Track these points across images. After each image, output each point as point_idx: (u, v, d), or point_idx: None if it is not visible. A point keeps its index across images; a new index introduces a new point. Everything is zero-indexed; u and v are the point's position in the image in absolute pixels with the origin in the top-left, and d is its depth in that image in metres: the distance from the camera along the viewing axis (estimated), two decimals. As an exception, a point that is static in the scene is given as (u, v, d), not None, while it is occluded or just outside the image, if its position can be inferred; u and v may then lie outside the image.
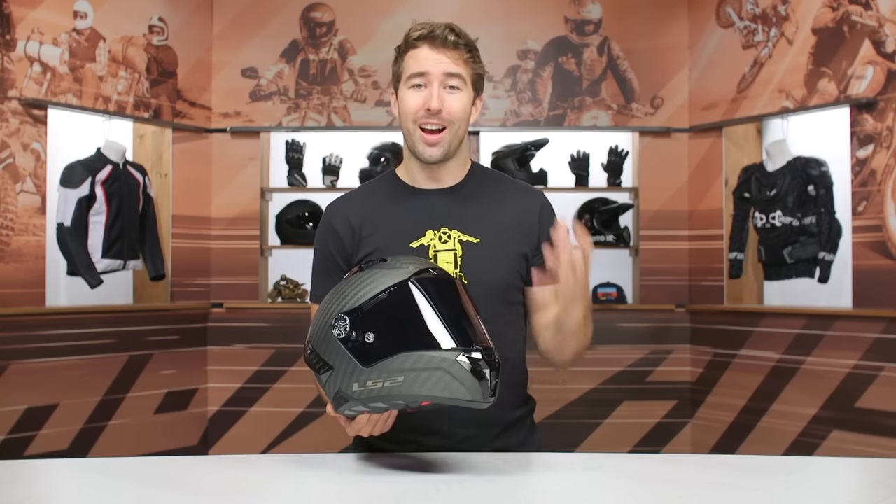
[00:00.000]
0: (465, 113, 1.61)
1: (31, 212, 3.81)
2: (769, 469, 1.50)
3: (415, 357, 1.29)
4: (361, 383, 1.31)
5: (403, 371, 1.29)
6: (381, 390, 1.30)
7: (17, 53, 3.77)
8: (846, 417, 3.74)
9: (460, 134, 1.62)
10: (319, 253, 1.71)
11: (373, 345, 1.31)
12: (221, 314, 4.53)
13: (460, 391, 1.28)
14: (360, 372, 1.31)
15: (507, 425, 1.67)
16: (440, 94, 1.57)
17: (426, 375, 1.28)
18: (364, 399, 1.32)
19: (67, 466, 1.63)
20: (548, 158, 4.51)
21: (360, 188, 1.78)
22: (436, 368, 1.28)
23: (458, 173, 1.68)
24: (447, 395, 1.28)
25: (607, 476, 1.45)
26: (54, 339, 3.86)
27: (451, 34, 1.58)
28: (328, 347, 1.35)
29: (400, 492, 1.32)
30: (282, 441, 4.44)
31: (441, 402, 1.30)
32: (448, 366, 1.28)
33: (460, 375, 1.28)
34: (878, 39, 3.70)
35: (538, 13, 4.60)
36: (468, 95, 1.61)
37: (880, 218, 3.67)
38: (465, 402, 1.29)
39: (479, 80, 1.63)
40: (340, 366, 1.34)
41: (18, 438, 3.70)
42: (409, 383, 1.28)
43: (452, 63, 1.58)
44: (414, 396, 1.29)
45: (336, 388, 1.35)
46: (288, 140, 4.61)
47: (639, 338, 4.49)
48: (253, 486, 1.38)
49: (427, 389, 1.28)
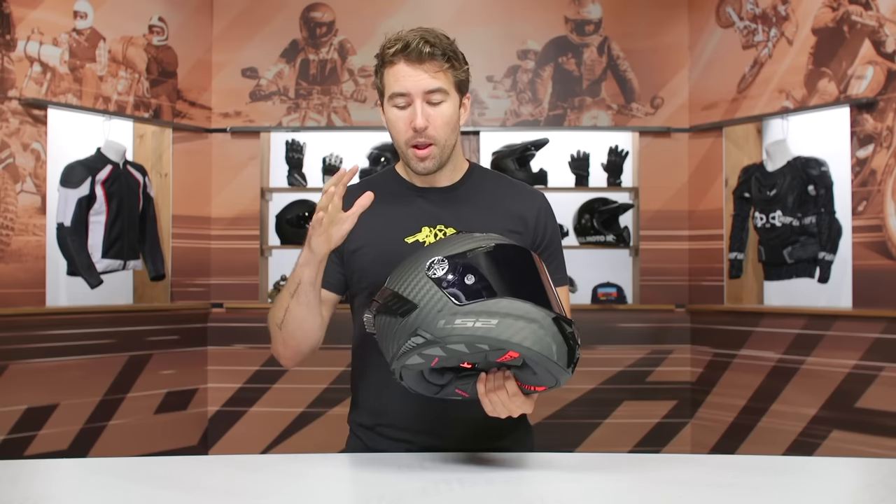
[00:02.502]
0: (452, 122, 1.58)
1: (31, 212, 3.81)
2: (769, 469, 1.50)
3: (513, 304, 1.25)
4: (449, 321, 1.24)
5: (500, 315, 1.24)
6: (469, 330, 1.23)
7: (17, 53, 3.77)
8: (846, 417, 3.74)
9: (451, 142, 1.60)
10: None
11: (471, 286, 1.26)
12: (221, 314, 4.53)
13: (551, 350, 1.24)
14: (451, 309, 1.25)
15: (499, 427, 1.67)
16: (423, 111, 1.55)
17: (522, 325, 1.24)
18: (445, 338, 1.24)
19: (67, 466, 1.63)
20: (548, 158, 4.51)
21: (361, 183, 1.78)
22: (533, 321, 1.24)
23: (452, 175, 1.68)
24: (538, 350, 1.24)
25: (607, 476, 1.45)
26: (54, 339, 3.86)
27: (425, 45, 1.53)
28: (416, 286, 1.28)
29: (400, 492, 1.32)
30: (282, 441, 4.44)
31: (528, 356, 1.25)
32: (546, 324, 1.25)
33: (555, 337, 1.25)
34: (878, 39, 3.70)
35: (538, 13, 4.60)
36: (453, 103, 1.58)
37: (880, 218, 3.67)
38: (551, 365, 1.25)
39: (462, 82, 1.59)
40: (428, 303, 1.26)
41: (18, 438, 3.70)
42: (503, 328, 1.23)
43: (431, 77, 1.54)
44: (504, 342, 1.23)
45: (414, 328, 1.26)
46: (288, 140, 4.61)
47: (639, 338, 4.49)
48: (253, 486, 1.38)
49: (519, 338, 1.23)
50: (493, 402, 1.35)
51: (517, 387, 1.34)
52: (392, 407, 1.65)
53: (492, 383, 1.34)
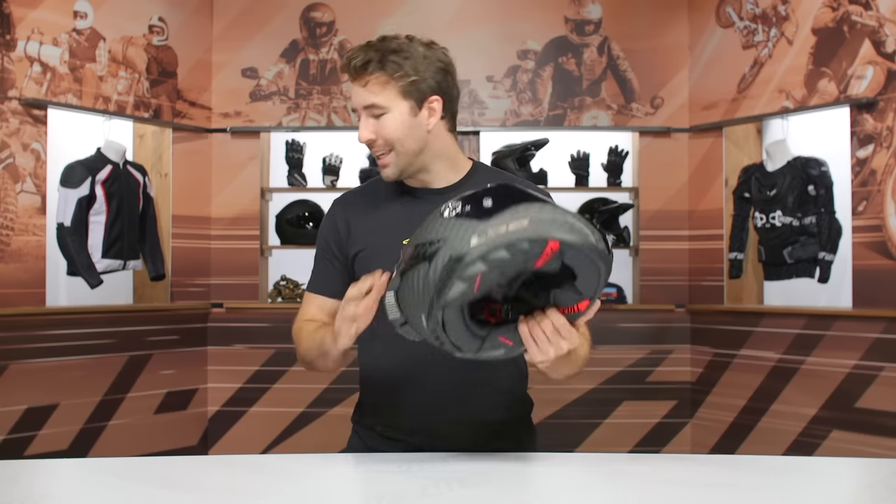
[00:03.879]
0: (400, 130, 1.57)
1: (31, 212, 3.81)
2: (769, 469, 1.50)
3: (537, 206, 1.24)
4: (481, 233, 1.22)
5: (526, 216, 1.23)
6: (505, 235, 1.21)
7: (17, 53, 3.77)
8: (846, 417, 3.74)
9: (412, 147, 1.58)
10: (320, 245, 1.74)
11: (491, 207, 1.25)
12: (221, 314, 4.53)
13: (587, 235, 1.23)
14: (478, 226, 1.23)
15: (498, 427, 1.67)
16: (367, 125, 1.57)
17: (553, 219, 1.23)
18: (485, 250, 1.21)
19: (67, 466, 1.63)
20: (548, 158, 4.51)
21: (362, 186, 1.80)
22: (562, 214, 1.24)
23: (449, 176, 1.66)
24: (575, 238, 1.22)
25: (607, 476, 1.45)
26: (54, 339, 3.86)
27: (362, 60, 1.54)
28: (437, 228, 1.27)
29: (400, 492, 1.32)
30: (282, 441, 4.44)
31: (569, 243, 1.22)
32: (574, 218, 1.25)
33: (587, 224, 1.25)
34: (878, 39, 3.70)
35: (538, 13, 4.60)
36: (399, 112, 1.56)
37: (880, 218, 3.67)
38: (591, 248, 1.24)
39: (411, 89, 1.56)
40: (456, 233, 1.24)
41: (18, 438, 3.70)
42: (535, 225, 1.22)
43: (368, 93, 1.55)
44: (540, 237, 1.21)
45: (448, 256, 1.23)
46: (288, 140, 4.61)
47: (639, 338, 4.49)
48: (253, 486, 1.38)
49: (554, 230, 1.22)
50: (538, 339, 1.30)
51: (559, 314, 1.30)
52: (393, 408, 1.66)
53: (534, 319, 1.31)
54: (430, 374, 1.60)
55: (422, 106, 1.58)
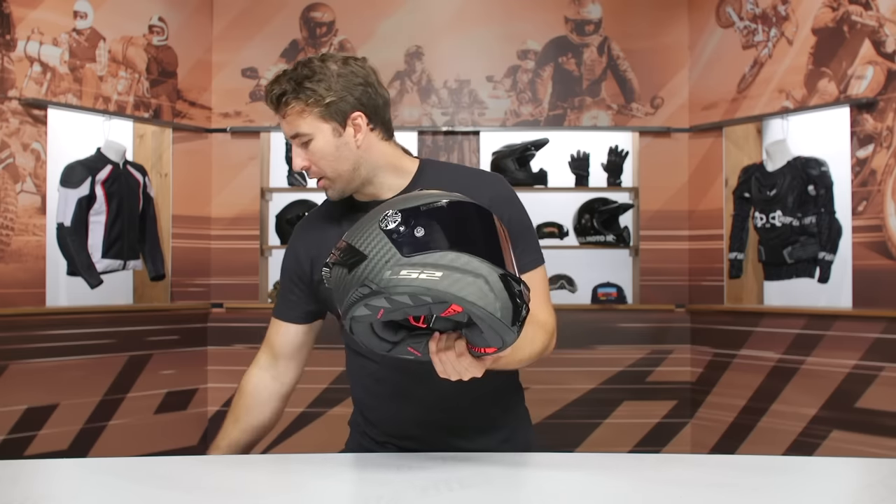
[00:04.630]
0: (329, 154, 1.55)
1: (31, 212, 3.81)
2: (769, 469, 1.50)
3: (460, 258, 1.24)
4: (395, 272, 1.23)
5: (444, 267, 1.23)
6: (414, 281, 1.23)
7: (17, 53, 3.77)
8: (846, 417, 3.74)
9: (345, 168, 1.57)
10: (282, 272, 1.75)
11: (420, 239, 1.25)
12: (221, 314, 4.53)
13: (494, 306, 1.23)
14: (398, 261, 1.24)
15: (487, 424, 1.67)
16: (299, 154, 1.57)
17: (466, 280, 1.23)
18: (391, 289, 1.23)
19: (67, 466, 1.63)
20: (548, 158, 4.51)
21: (316, 210, 1.77)
22: (477, 276, 1.23)
23: (395, 183, 1.61)
24: (481, 305, 1.22)
25: (607, 476, 1.45)
26: (54, 339, 3.86)
27: (276, 92, 1.54)
28: (368, 238, 1.28)
29: (400, 492, 1.32)
30: (282, 441, 4.43)
31: (470, 311, 1.23)
32: (492, 279, 1.24)
33: (500, 293, 1.24)
34: (878, 39, 3.70)
35: (538, 13, 4.60)
36: (322, 137, 1.54)
37: (880, 218, 3.67)
38: (495, 322, 1.24)
39: (329, 109, 1.53)
40: (377, 254, 1.26)
41: (18, 438, 3.70)
42: (446, 281, 1.22)
43: (289, 124, 1.55)
44: (447, 295, 1.22)
45: (363, 278, 1.25)
46: (288, 140, 4.60)
47: (639, 338, 4.49)
48: (253, 486, 1.38)
49: (463, 292, 1.22)
50: (442, 361, 1.31)
51: (466, 347, 1.31)
52: (380, 411, 1.67)
53: (443, 343, 1.31)
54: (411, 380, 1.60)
55: (345, 125, 1.55)
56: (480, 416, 1.66)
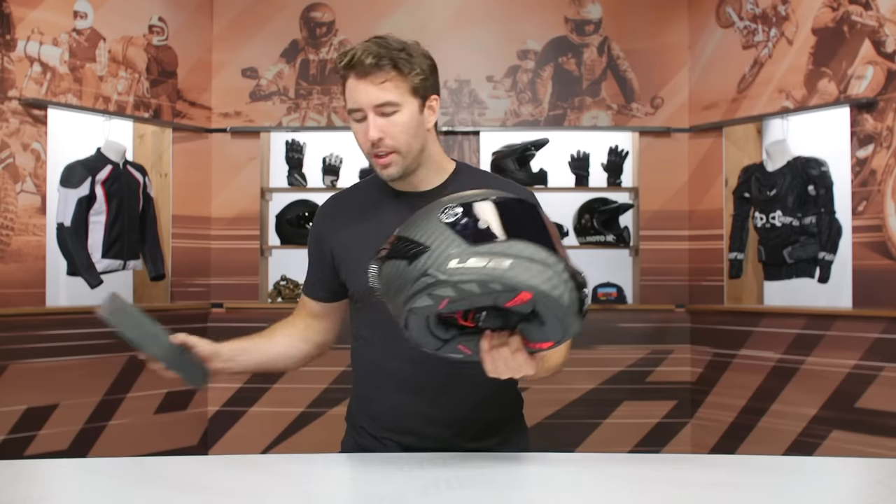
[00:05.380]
0: (411, 129, 1.56)
1: (31, 212, 3.81)
2: (769, 469, 1.50)
3: (527, 248, 1.22)
4: (463, 260, 1.21)
5: (512, 256, 1.21)
6: (483, 270, 1.20)
7: (17, 53, 3.77)
8: (846, 417, 3.74)
9: (414, 147, 1.58)
10: (309, 248, 1.76)
11: (484, 230, 1.24)
12: (221, 314, 4.53)
13: (563, 295, 1.21)
14: (465, 250, 1.21)
15: (487, 426, 1.67)
16: (376, 124, 1.54)
17: (536, 268, 1.21)
18: (458, 278, 1.20)
19: (67, 466, 1.63)
20: (548, 158, 4.50)
21: (351, 188, 1.78)
22: (546, 265, 1.22)
23: (434, 178, 1.65)
24: (552, 293, 1.21)
25: (607, 476, 1.45)
26: (54, 339, 3.85)
27: (368, 57, 1.51)
28: (428, 230, 1.26)
29: (400, 492, 1.32)
30: (282, 441, 4.43)
31: (540, 299, 1.22)
32: (559, 269, 1.22)
33: (567, 282, 1.22)
34: (878, 39, 3.70)
35: (538, 13, 4.60)
36: (409, 110, 1.56)
37: (880, 218, 3.67)
38: (561, 310, 1.23)
39: (420, 85, 1.56)
40: (441, 245, 1.23)
41: (18, 438, 3.70)
42: (517, 269, 1.20)
43: (378, 90, 1.53)
44: (517, 282, 1.20)
45: (426, 268, 1.23)
46: (288, 140, 4.61)
47: (639, 338, 4.49)
48: (253, 486, 1.38)
49: (534, 280, 1.20)
50: (494, 359, 1.30)
51: (521, 343, 1.30)
52: (383, 404, 1.67)
53: (496, 340, 1.30)
54: (418, 373, 1.60)
55: (425, 105, 1.58)
56: (481, 416, 1.66)
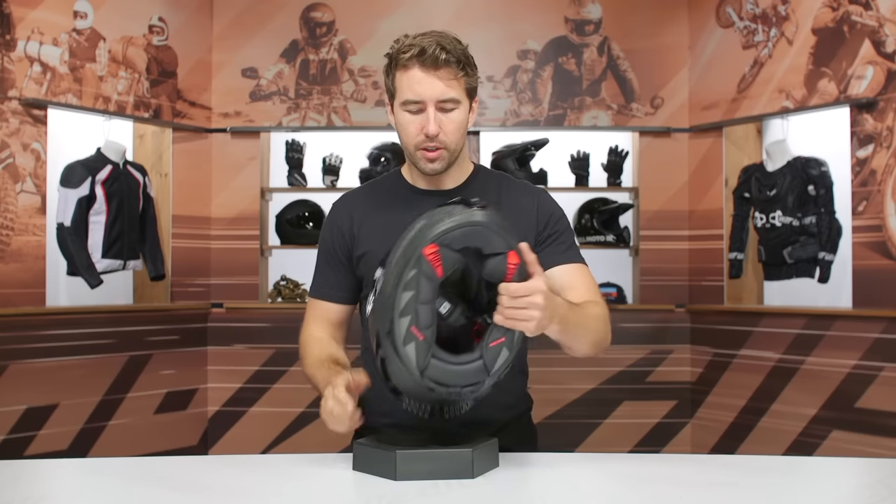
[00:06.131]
0: (463, 127, 1.60)
1: (31, 212, 3.81)
2: (769, 469, 1.50)
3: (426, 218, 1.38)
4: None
5: (406, 240, 1.36)
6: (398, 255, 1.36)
7: (17, 53, 3.77)
8: (846, 417, 3.74)
9: (460, 146, 1.62)
10: (323, 247, 1.75)
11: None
12: (221, 314, 4.53)
13: (450, 222, 1.34)
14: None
15: (498, 427, 1.67)
16: (436, 118, 1.55)
17: (423, 234, 1.34)
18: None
19: (67, 466, 1.63)
20: (548, 158, 4.51)
21: (366, 185, 1.79)
22: (432, 222, 1.36)
23: (458, 177, 1.69)
24: (440, 228, 1.33)
25: (607, 476, 1.45)
26: (54, 339, 3.86)
27: (441, 52, 1.52)
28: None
29: (400, 492, 1.32)
30: (282, 441, 4.43)
31: (442, 237, 1.33)
32: (442, 214, 1.37)
33: (449, 213, 1.36)
34: (878, 39, 3.70)
35: (538, 13, 4.60)
36: (464, 109, 1.59)
37: (880, 218, 3.67)
38: (462, 224, 1.34)
39: (473, 88, 1.61)
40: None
41: (18, 438, 3.70)
42: (409, 245, 1.35)
43: (445, 86, 1.54)
44: (415, 250, 1.33)
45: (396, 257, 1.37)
46: (288, 140, 4.61)
47: (639, 338, 4.49)
48: (253, 486, 1.39)
49: (427, 239, 1.32)
50: (512, 313, 1.33)
51: (507, 284, 1.34)
52: (382, 410, 1.66)
53: (497, 305, 1.34)
54: None
55: (470, 107, 1.62)
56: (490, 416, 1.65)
